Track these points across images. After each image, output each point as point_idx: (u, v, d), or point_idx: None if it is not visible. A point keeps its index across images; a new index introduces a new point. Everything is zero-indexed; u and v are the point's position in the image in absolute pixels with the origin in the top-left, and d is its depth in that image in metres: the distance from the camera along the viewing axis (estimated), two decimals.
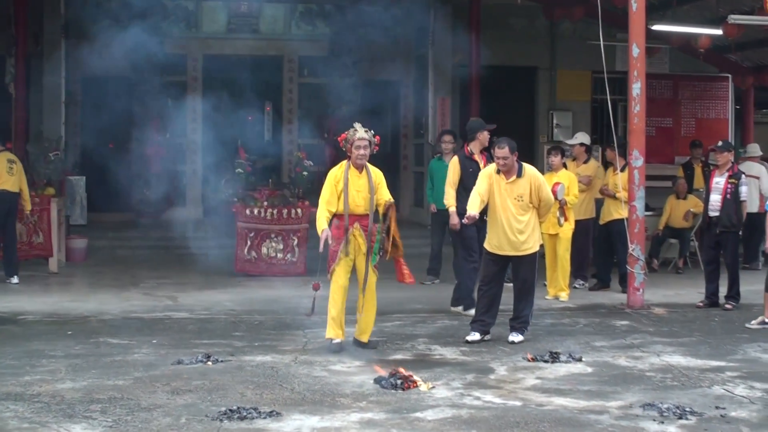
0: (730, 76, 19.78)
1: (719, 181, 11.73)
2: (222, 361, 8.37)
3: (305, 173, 14.65)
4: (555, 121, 19.79)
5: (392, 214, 8.96)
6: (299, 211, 14.05)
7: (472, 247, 10.60)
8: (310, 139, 19.10)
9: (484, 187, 9.36)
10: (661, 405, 6.95)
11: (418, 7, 17.60)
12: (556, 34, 19.78)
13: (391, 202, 9.02)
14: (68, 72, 17.96)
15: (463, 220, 9.46)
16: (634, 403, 7.11)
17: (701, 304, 11.78)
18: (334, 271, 8.90)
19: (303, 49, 19.87)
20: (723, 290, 11.80)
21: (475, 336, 9.40)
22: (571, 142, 13.80)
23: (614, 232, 12.68)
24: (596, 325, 10.48)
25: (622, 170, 12.49)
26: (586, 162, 13.37)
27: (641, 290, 11.59)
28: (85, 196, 17.48)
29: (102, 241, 16.43)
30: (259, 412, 6.67)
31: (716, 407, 7.02)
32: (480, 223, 9.80)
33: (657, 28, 15.21)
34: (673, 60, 19.82)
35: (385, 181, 9.17)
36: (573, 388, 7.60)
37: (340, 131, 9.27)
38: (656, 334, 10.01)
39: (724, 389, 7.62)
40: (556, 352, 8.71)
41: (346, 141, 9.06)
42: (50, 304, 11.52)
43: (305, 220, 13.99)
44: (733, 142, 16.93)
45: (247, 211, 13.99)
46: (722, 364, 8.59)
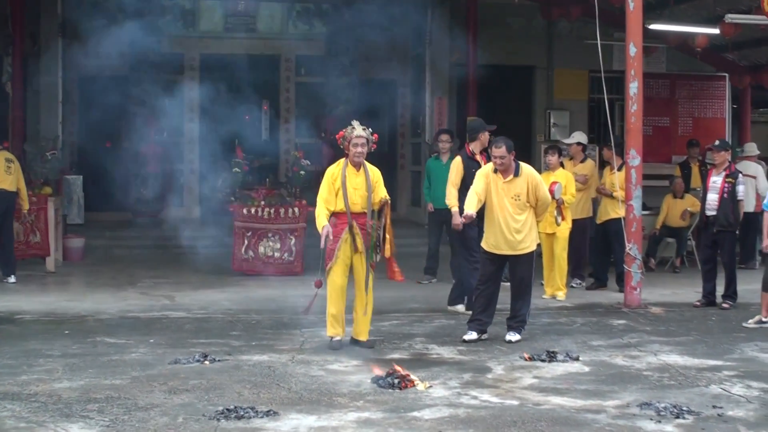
0: (727, 75, 19.75)
1: (716, 181, 11.73)
2: (219, 361, 8.37)
3: (302, 172, 14.65)
4: (552, 121, 19.76)
5: (387, 211, 8.97)
6: (296, 210, 14.04)
7: (474, 248, 10.58)
8: (307, 138, 19.09)
9: (481, 187, 9.36)
10: (658, 404, 6.96)
11: (415, 7, 17.57)
12: (554, 34, 19.76)
13: (386, 199, 9.02)
14: (65, 71, 17.93)
15: (461, 220, 9.45)
16: (631, 403, 7.11)
17: (698, 304, 11.79)
18: (331, 270, 8.92)
19: (300, 49, 19.87)
20: (720, 289, 11.81)
21: (472, 335, 9.40)
22: (568, 141, 13.80)
23: (611, 232, 12.69)
24: (593, 325, 10.49)
25: (619, 169, 12.50)
26: (583, 161, 13.37)
27: (638, 289, 11.59)
28: (82, 196, 17.45)
29: (99, 241, 16.41)
30: (256, 412, 6.67)
31: (713, 406, 7.02)
32: (481, 224, 9.79)
33: (654, 27, 15.22)
34: (670, 59, 19.81)
35: (382, 180, 9.17)
36: (570, 388, 7.60)
37: (338, 130, 9.27)
38: (653, 333, 10.02)
39: (722, 388, 7.63)
40: (553, 352, 8.71)
41: (344, 139, 9.06)
42: (47, 303, 11.52)
43: (302, 220, 14.00)
44: (730, 142, 16.93)
45: (245, 211, 13.98)
46: (719, 363, 8.60)
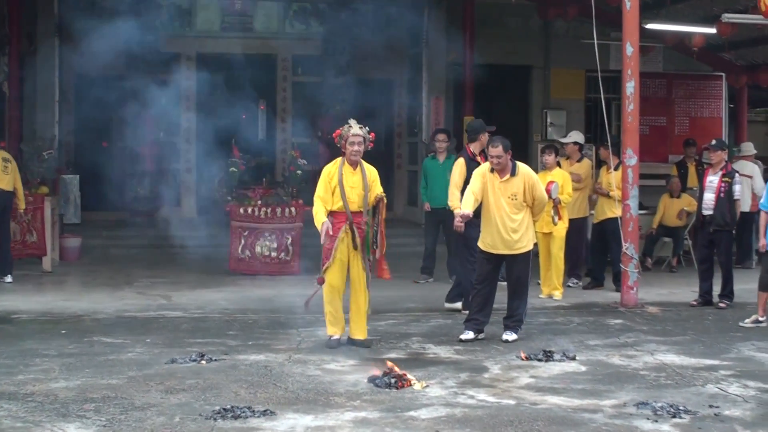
0: (723, 74, 19.76)
1: (713, 180, 11.74)
2: (216, 360, 8.36)
3: (299, 172, 14.63)
4: (549, 120, 19.78)
5: (381, 208, 8.96)
6: (293, 209, 14.04)
7: (474, 248, 10.56)
8: (304, 137, 19.08)
9: (477, 186, 9.35)
10: (654, 404, 6.96)
11: (412, 6, 17.57)
12: (550, 33, 19.77)
13: (381, 195, 9.02)
14: (61, 71, 17.91)
15: (457, 219, 9.43)
16: (628, 402, 7.11)
17: (695, 303, 11.80)
18: (329, 270, 8.90)
19: (297, 48, 19.86)
20: (717, 289, 11.82)
21: (469, 335, 9.40)
22: (565, 141, 13.80)
23: (608, 231, 12.70)
24: (590, 324, 10.49)
25: (616, 169, 12.51)
26: (579, 161, 13.37)
27: (635, 289, 11.60)
28: (79, 195, 17.41)
29: (96, 240, 16.39)
30: (253, 411, 6.67)
31: (710, 406, 7.03)
32: (479, 222, 9.76)
33: (651, 26, 15.21)
34: (667, 59, 19.82)
35: (379, 179, 9.17)
36: (567, 387, 7.60)
37: (334, 130, 9.27)
38: (650, 332, 10.02)
39: (718, 388, 7.63)
40: (550, 351, 8.71)
41: (341, 137, 9.06)
42: (44, 303, 11.51)
43: (299, 219, 14.00)
44: (727, 141, 16.92)
45: (241, 210, 13.97)
46: (716, 362, 8.61)
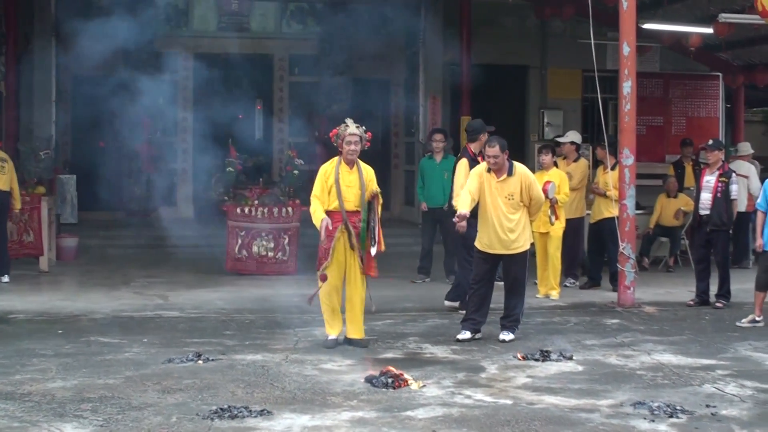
0: (720, 74, 19.79)
1: (710, 180, 11.75)
2: (213, 360, 8.36)
3: (296, 172, 14.62)
4: (546, 120, 19.80)
5: (377, 204, 8.96)
6: (290, 209, 14.03)
7: (472, 248, 10.55)
8: (300, 137, 19.08)
9: (474, 186, 9.34)
10: (651, 403, 6.97)
11: (409, 6, 17.57)
12: (547, 33, 19.79)
13: (377, 191, 9.01)
14: (58, 71, 17.91)
15: (454, 219, 9.43)
16: (625, 402, 7.11)
17: (692, 303, 11.81)
18: (326, 270, 8.90)
19: (294, 48, 19.87)
20: (713, 288, 11.83)
21: (466, 334, 9.40)
22: (562, 140, 13.79)
23: (605, 231, 12.69)
24: (587, 324, 10.49)
25: (613, 169, 12.51)
26: (576, 160, 13.37)
27: (632, 289, 11.61)
28: (76, 195, 17.39)
29: (92, 240, 16.37)
30: (250, 411, 6.67)
31: (707, 405, 7.03)
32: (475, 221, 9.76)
33: (648, 26, 15.22)
34: (664, 58, 19.84)
35: (375, 179, 9.17)
36: (564, 387, 7.60)
37: (331, 130, 9.26)
38: (647, 332, 10.02)
39: (715, 387, 7.64)
40: (547, 351, 8.71)
41: (337, 136, 9.06)
42: (41, 302, 11.49)
43: (296, 219, 13.98)
44: (724, 141, 16.94)
45: (238, 210, 13.96)
46: (713, 362, 8.61)
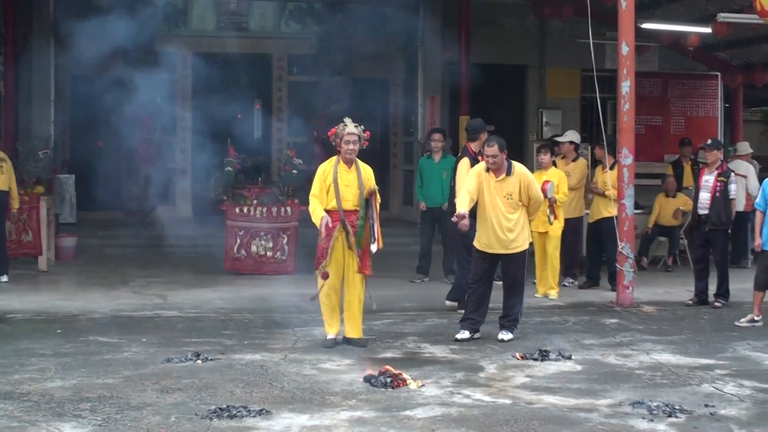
0: (719, 74, 19.79)
1: (708, 179, 11.75)
2: (212, 360, 8.35)
3: (295, 171, 14.62)
4: (545, 120, 19.79)
5: (374, 202, 8.96)
6: (289, 209, 14.03)
7: (471, 248, 10.54)
8: (299, 137, 19.08)
9: (473, 185, 9.33)
10: (650, 403, 6.97)
11: (408, 6, 17.57)
12: (546, 33, 19.78)
13: (374, 188, 9.01)
14: (57, 71, 17.90)
15: (453, 219, 9.43)
16: (624, 401, 7.12)
17: (690, 302, 11.81)
18: (325, 268, 8.90)
19: (292, 48, 19.88)
20: (712, 288, 11.83)
21: (465, 334, 9.40)
22: (561, 140, 13.79)
23: (604, 230, 12.69)
24: (586, 323, 10.49)
25: (611, 168, 12.51)
26: (575, 160, 13.36)
27: (631, 288, 11.61)
28: (75, 195, 17.38)
29: (91, 240, 16.36)
30: (249, 411, 6.67)
31: (706, 405, 7.03)
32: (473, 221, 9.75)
33: (646, 26, 15.24)
34: (663, 58, 19.83)
35: (374, 178, 9.16)
36: (562, 386, 7.60)
37: (330, 129, 9.26)
38: (646, 332, 10.03)
39: (714, 387, 7.64)
40: (546, 350, 8.72)
41: (336, 136, 9.06)
42: (39, 302, 11.49)
43: (295, 219, 13.98)
44: (722, 140, 16.95)
45: (237, 210, 13.96)
46: (712, 362, 8.61)
